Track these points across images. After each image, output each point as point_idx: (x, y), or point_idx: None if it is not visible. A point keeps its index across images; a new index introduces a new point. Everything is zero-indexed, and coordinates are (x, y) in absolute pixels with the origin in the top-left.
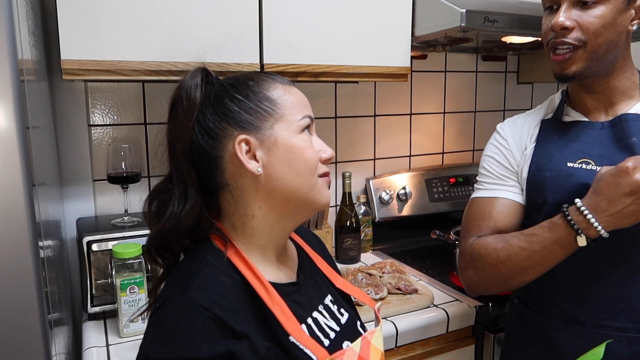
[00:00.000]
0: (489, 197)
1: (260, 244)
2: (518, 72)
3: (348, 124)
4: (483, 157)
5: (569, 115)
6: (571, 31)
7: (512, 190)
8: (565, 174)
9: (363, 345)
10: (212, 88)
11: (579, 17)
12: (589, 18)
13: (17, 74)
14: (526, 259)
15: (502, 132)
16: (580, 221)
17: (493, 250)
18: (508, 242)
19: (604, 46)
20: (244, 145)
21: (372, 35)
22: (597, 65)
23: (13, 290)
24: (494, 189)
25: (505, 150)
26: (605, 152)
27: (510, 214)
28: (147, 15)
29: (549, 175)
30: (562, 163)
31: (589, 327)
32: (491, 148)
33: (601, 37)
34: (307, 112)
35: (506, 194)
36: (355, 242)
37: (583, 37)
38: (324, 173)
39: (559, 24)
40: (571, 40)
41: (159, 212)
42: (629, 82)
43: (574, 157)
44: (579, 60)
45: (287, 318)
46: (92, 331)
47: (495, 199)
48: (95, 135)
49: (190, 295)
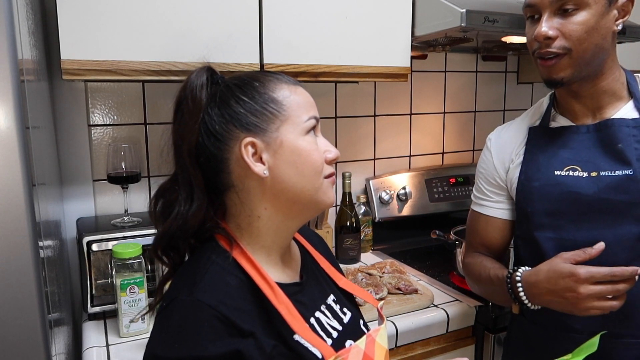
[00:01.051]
0: (479, 212)
1: (265, 245)
2: (518, 72)
3: (348, 124)
4: (477, 167)
5: (556, 121)
6: (555, 40)
7: (499, 206)
8: (552, 183)
9: (368, 343)
10: (217, 88)
11: (561, 26)
12: (572, 25)
13: (17, 74)
14: (489, 292)
15: (490, 144)
16: (515, 291)
17: (471, 272)
18: (479, 273)
19: (589, 51)
20: (250, 148)
21: (372, 35)
22: (586, 69)
23: (13, 290)
24: (482, 205)
25: (490, 167)
26: (592, 157)
27: (495, 231)
28: (147, 15)
29: (537, 184)
30: (550, 172)
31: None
32: (480, 162)
33: (586, 43)
34: (312, 113)
35: (492, 211)
36: (355, 242)
37: (567, 44)
38: (330, 174)
39: (542, 34)
40: (555, 50)
41: (164, 211)
42: (617, 84)
43: (561, 164)
44: (566, 67)
45: (293, 317)
46: (92, 331)
47: (483, 216)
48: (95, 135)
49: (197, 295)
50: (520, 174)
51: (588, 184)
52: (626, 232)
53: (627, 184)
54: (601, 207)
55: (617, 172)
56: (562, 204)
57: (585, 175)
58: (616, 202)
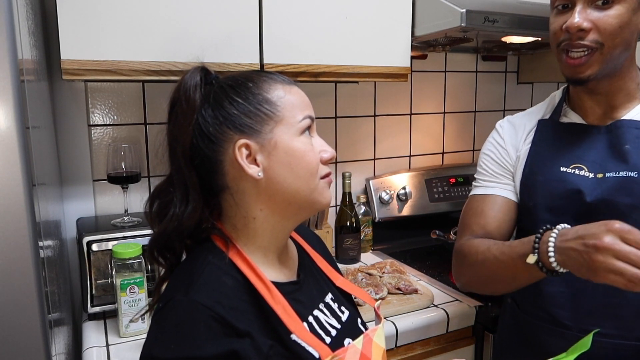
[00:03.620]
0: (483, 194)
1: (261, 245)
2: (518, 72)
3: (348, 124)
4: (481, 154)
5: (567, 117)
6: (588, 33)
7: (506, 187)
8: (557, 179)
9: (365, 342)
10: (211, 89)
11: (596, 18)
12: (607, 19)
13: (17, 74)
14: (496, 269)
15: (501, 129)
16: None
17: (475, 252)
18: (488, 248)
19: (620, 47)
20: (244, 149)
21: (372, 35)
22: (611, 66)
23: (13, 290)
24: (488, 186)
25: (501, 149)
26: (599, 158)
27: (502, 210)
28: (147, 15)
29: (541, 179)
30: (556, 167)
31: (575, 331)
32: (488, 146)
33: (618, 38)
34: (307, 112)
35: (499, 191)
36: (355, 242)
37: (600, 39)
38: (326, 174)
39: (576, 25)
40: (588, 43)
41: (160, 212)
42: (633, 84)
43: (567, 161)
44: (594, 64)
45: (289, 316)
46: (92, 331)
47: (488, 196)
48: (95, 135)
49: (193, 295)
50: (525, 167)
51: (593, 185)
52: None
53: (631, 186)
54: (603, 208)
55: (622, 173)
56: (565, 201)
57: (592, 176)
58: (619, 204)
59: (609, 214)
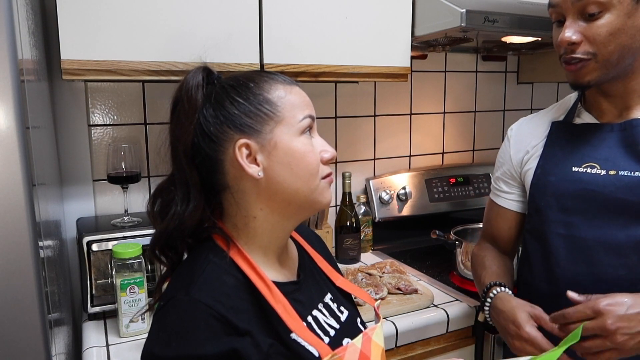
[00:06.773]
0: (493, 201)
1: (262, 244)
2: (518, 72)
3: (348, 124)
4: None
5: (581, 118)
6: (579, 45)
7: (509, 197)
8: (569, 179)
9: (364, 341)
10: (213, 88)
11: (584, 30)
12: (595, 29)
13: (17, 74)
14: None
15: (510, 135)
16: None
17: (473, 264)
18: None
19: (616, 53)
20: (244, 149)
21: (372, 35)
22: (614, 71)
23: (13, 290)
24: (497, 195)
25: (506, 158)
26: (612, 156)
27: (503, 222)
28: (147, 15)
29: (553, 179)
30: (568, 167)
31: None
32: (500, 152)
33: (611, 45)
34: (308, 112)
35: (502, 201)
36: (355, 242)
37: (591, 49)
38: (327, 174)
39: (565, 40)
40: (580, 55)
41: (162, 211)
42: None
43: (579, 161)
44: (592, 71)
45: (289, 315)
46: (92, 331)
47: (495, 206)
48: (95, 135)
49: (194, 294)
50: (537, 168)
51: (605, 182)
52: (639, 234)
53: None
54: (616, 207)
55: (637, 173)
56: (577, 201)
57: (604, 173)
58: (632, 203)
59: (621, 213)
